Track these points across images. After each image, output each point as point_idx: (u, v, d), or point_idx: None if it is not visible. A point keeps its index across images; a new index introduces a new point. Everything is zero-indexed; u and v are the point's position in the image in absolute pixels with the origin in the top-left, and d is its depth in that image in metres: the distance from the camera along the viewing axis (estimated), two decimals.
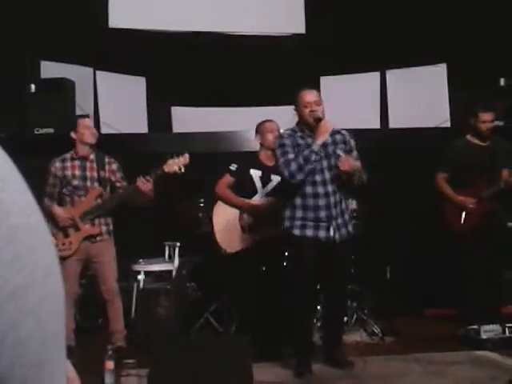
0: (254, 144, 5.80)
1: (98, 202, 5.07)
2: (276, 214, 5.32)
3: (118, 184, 5.16)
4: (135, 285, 5.90)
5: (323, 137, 4.61)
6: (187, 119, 7.24)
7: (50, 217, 5.00)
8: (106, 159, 5.19)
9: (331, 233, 4.68)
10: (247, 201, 5.47)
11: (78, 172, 5.08)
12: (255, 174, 5.50)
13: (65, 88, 6.50)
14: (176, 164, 4.92)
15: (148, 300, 5.54)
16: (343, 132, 4.87)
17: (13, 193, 0.47)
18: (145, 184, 4.87)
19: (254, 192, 5.50)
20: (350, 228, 4.83)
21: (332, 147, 4.74)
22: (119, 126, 6.93)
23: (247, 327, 5.23)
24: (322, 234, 4.68)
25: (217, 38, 7.41)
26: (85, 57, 6.88)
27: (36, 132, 6.40)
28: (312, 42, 7.35)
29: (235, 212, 5.50)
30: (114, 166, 5.19)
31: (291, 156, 4.68)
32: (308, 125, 4.74)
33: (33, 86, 6.47)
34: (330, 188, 4.69)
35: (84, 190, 5.06)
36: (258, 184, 5.50)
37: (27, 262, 0.45)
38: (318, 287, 5.56)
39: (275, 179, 5.39)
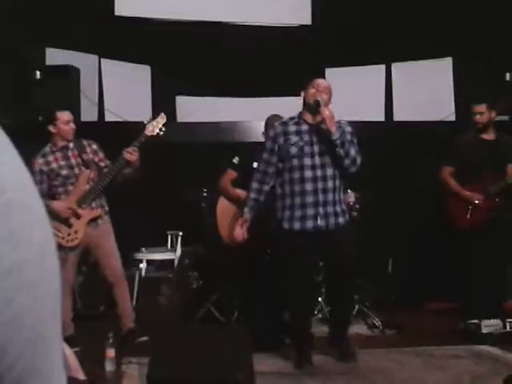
0: (259, 135, 5.76)
1: (92, 185, 5.04)
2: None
3: (102, 164, 5.16)
4: (137, 273, 5.92)
5: None
6: (192, 109, 7.22)
7: (48, 213, 4.99)
8: (85, 142, 5.17)
9: (319, 221, 4.55)
10: (241, 192, 5.42)
11: (62, 162, 5.06)
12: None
13: (70, 75, 6.48)
14: (155, 126, 5.09)
15: (150, 289, 5.56)
16: (342, 122, 4.69)
17: (9, 168, 0.47)
18: (131, 154, 4.93)
19: None
20: (341, 220, 4.62)
21: (326, 134, 4.53)
22: (123, 113, 6.93)
23: (248, 317, 5.24)
24: (309, 224, 4.56)
25: (222, 28, 7.39)
26: (90, 44, 6.87)
27: (40, 119, 6.39)
28: (318, 33, 7.33)
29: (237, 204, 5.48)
30: (95, 146, 5.18)
31: (261, 169, 4.74)
32: (307, 105, 4.65)
33: (38, 73, 6.46)
34: (318, 173, 4.55)
35: (74, 177, 5.05)
36: None
37: (23, 239, 0.45)
38: (320, 279, 5.55)
39: None
